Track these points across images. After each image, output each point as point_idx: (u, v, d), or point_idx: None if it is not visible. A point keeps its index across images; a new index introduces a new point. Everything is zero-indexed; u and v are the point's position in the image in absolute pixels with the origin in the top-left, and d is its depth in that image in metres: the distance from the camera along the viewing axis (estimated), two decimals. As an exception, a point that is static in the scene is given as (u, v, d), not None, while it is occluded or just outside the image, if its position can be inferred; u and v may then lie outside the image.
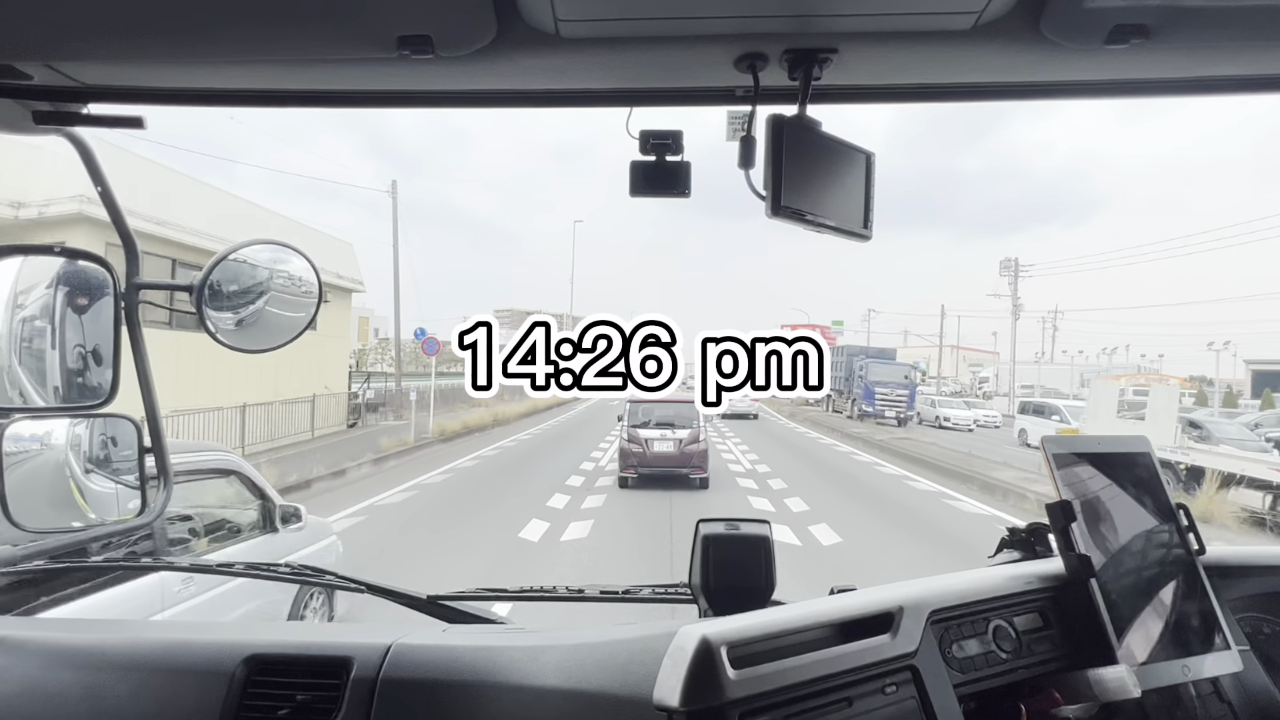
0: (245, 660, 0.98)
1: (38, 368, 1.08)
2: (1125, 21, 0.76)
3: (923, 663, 0.86)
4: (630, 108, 0.98)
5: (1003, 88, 0.95)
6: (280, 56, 0.90)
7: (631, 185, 0.96)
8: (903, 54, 0.86)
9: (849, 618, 0.86)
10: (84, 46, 0.88)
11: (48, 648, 1.03)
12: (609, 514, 9.00)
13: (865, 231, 0.94)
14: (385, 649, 0.98)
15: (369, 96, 1.01)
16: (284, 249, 1.14)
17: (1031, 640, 0.98)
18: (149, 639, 1.07)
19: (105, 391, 1.08)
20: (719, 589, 1.12)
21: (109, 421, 1.19)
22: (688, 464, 10.67)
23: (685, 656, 0.73)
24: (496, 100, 1.00)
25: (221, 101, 1.03)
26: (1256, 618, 1.19)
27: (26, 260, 1.09)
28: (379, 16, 0.78)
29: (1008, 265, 38.00)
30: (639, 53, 0.86)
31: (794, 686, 0.77)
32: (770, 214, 0.85)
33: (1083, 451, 1.07)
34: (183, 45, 0.87)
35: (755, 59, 0.86)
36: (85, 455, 1.19)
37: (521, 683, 0.90)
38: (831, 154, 0.91)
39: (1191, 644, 1.00)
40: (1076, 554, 0.98)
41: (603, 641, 0.93)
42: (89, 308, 1.09)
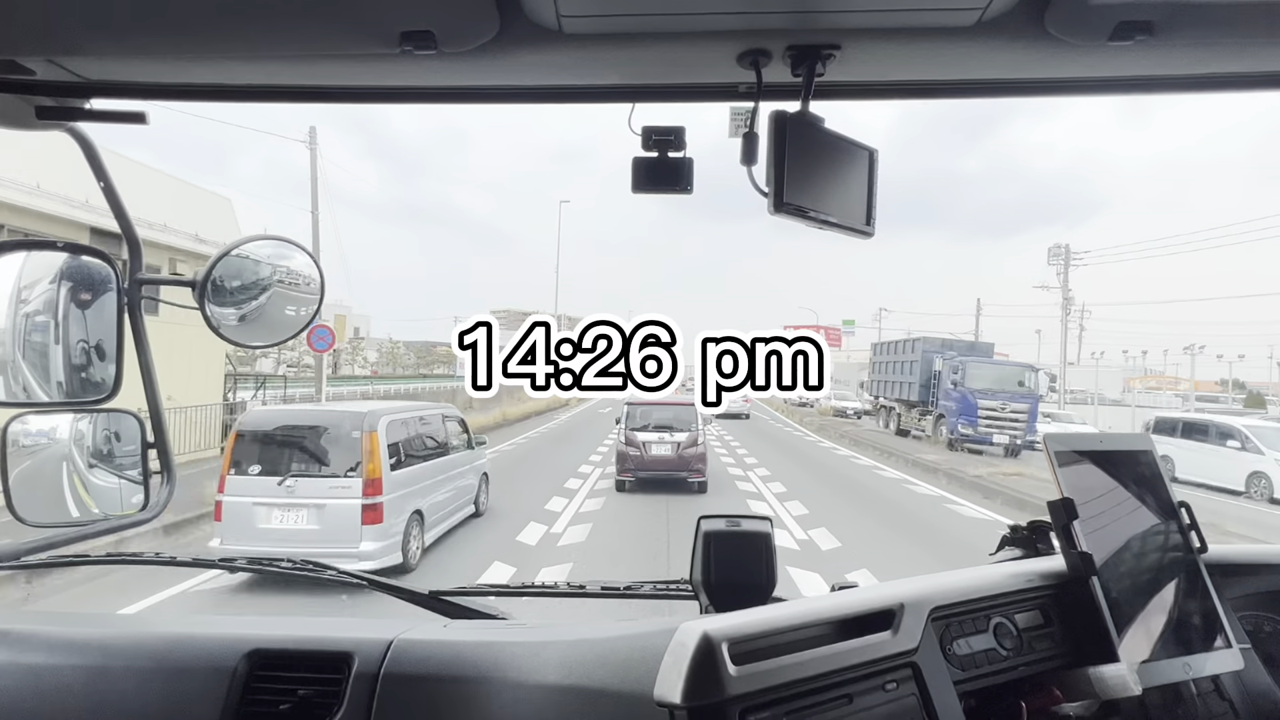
0: (247, 655, 0.98)
1: (41, 363, 1.08)
2: (1129, 18, 0.76)
3: (923, 660, 0.86)
4: (633, 104, 0.98)
5: (1006, 84, 0.95)
6: (283, 52, 0.90)
7: (634, 181, 0.96)
8: (906, 50, 0.86)
9: (850, 614, 0.86)
10: (87, 42, 0.88)
11: (51, 641, 1.03)
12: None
13: (868, 228, 0.94)
14: (387, 644, 0.98)
15: (371, 92, 1.01)
16: (286, 245, 1.15)
17: (1032, 637, 0.98)
18: (152, 633, 1.07)
19: (108, 386, 1.09)
20: (720, 585, 1.13)
21: (112, 416, 1.19)
22: (686, 467, 10.60)
23: (686, 653, 0.74)
24: (499, 96, 1.00)
25: (224, 97, 1.03)
26: (1257, 616, 1.19)
27: (30, 255, 1.09)
28: (382, 12, 0.78)
29: (1057, 252, 29.65)
30: (642, 48, 0.86)
31: (795, 683, 0.77)
32: (773, 210, 0.85)
33: (1085, 449, 1.06)
34: (185, 40, 0.87)
35: (758, 55, 0.86)
36: (88, 450, 1.20)
37: (523, 679, 0.90)
38: (834, 150, 0.91)
39: (1193, 642, 1.00)
40: (1078, 551, 0.98)
41: (604, 638, 0.93)
42: (92, 303, 1.09)
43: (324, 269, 1.16)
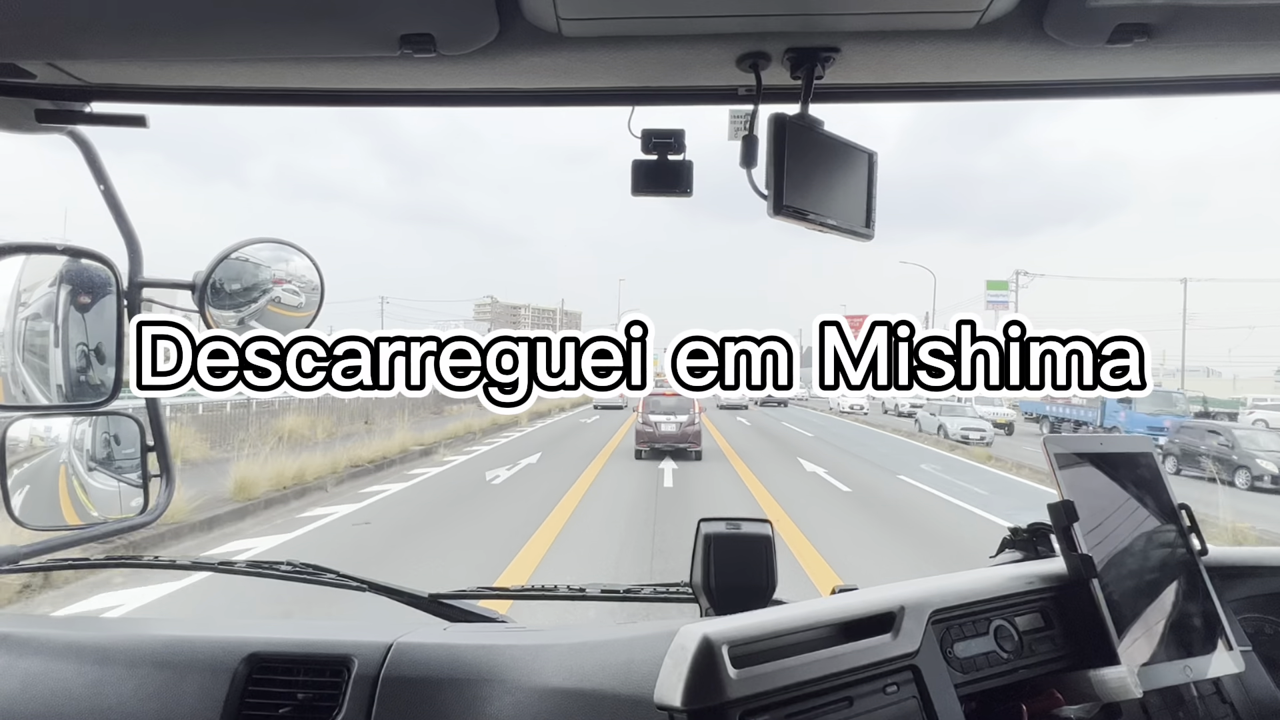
0: (246, 658, 0.98)
1: (41, 366, 1.08)
2: (1128, 21, 0.76)
3: (924, 662, 0.86)
4: (632, 107, 0.98)
5: (1006, 87, 0.95)
6: (283, 55, 0.90)
7: (633, 184, 0.96)
8: (905, 53, 0.86)
9: (850, 617, 0.85)
10: (87, 45, 0.88)
11: (50, 645, 1.03)
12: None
13: (867, 231, 0.94)
14: (386, 648, 0.98)
15: (371, 95, 1.01)
16: (285, 247, 1.15)
17: (1033, 640, 0.98)
18: (151, 636, 1.07)
19: (108, 390, 1.08)
20: (720, 588, 1.12)
21: (112, 419, 1.19)
22: (686, 440, 14.17)
23: (686, 655, 0.73)
24: (499, 99, 1.00)
25: (224, 100, 1.03)
26: (1258, 618, 1.19)
27: (29, 259, 1.09)
28: (381, 15, 0.78)
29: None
30: (641, 51, 0.86)
31: (795, 686, 0.77)
32: (772, 213, 0.85)
33: (1085, 451, 1.06)
34: (186, 44, 0.87)
35: (758, 58, 0.86)
36: (88, 453, 1.20)
37: (522, 682, 0.90)
38: (833, 153, 0.91)
39: (1193, 645, 1.00)
40: (1078, 554, 0.98)
41: (604, 640, 0.93)
42: (92, 306, 1.09)
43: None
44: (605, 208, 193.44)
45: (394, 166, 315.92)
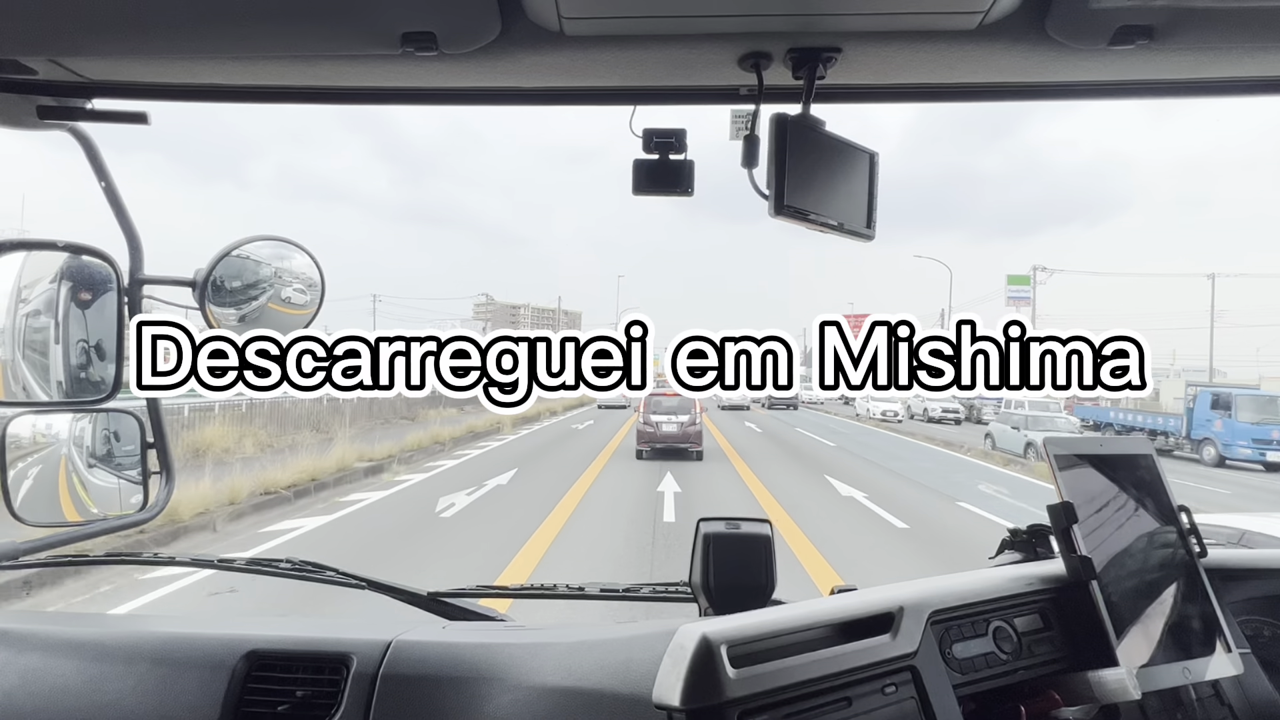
0: (246, 655, 0.98)
1: (41, 362, 1.08)
2: (1130, 23, 0.76)
3: (923, 663, 0.86)
4: (634, 106, 0.98)
5: (1007, 88, 0.95)
6: (284, 53, 0.90)
7: (634, 183, 0.96)
8: (907, 54, 0.86)
9: (849, 618, 0.85)
10: (89, 42, 0.88)
11: (49, 641, 1.03)
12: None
13: (868, 231, 0.94)
14: (385, 645, 0.98)
15: (373, 93, 1.01)
16: (286, 245, 1.15)
17: (1032, 641, 0.98)
18: (150, 633, 1.07)
19: (108, 386, 1.08)
20: (719, 588, 1.12)
21: (112, 416, 1.19)
22: (687, 440, 13.93)
23: (685, 655, 0.73)
24: (500, 98, 1.00)
25: (225, 97, 1.03)
26: (1257, 621, 1.19)
27: (30, 255, 1.09)
28: (383, 13, 0.78)
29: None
30: (643, 51, 0.86)
31: (794, 686, 0.77)
32: (773, 213, 0.85)
33: (1085, 453, 1.06)
34: (187, 41, 0.87)
35: (759, 58, 0.86)
36: (88, 450, 1.20)
37: (521, 680, 0.90)
38: (835, 154, 0.91)
39: (1192, 647, 1.00)
40: (1078, 555, 0.98)
41: (603, 639, 0.93)
42: (92, 302, 1.09)
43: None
44: (606, 207, 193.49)
45: (396, 166, 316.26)
